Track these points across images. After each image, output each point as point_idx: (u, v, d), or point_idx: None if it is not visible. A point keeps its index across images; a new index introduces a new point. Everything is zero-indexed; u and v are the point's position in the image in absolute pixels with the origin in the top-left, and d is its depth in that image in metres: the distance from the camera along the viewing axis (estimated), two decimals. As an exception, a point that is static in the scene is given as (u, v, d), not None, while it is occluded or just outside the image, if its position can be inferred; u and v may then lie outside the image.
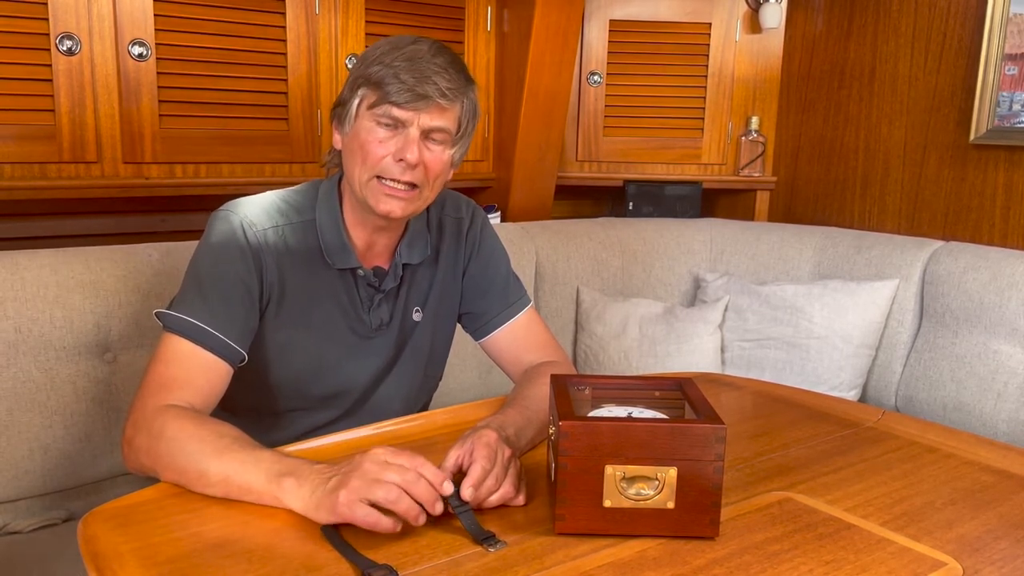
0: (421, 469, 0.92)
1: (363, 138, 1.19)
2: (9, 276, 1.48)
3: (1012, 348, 1.92)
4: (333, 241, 1.26)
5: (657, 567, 0.87)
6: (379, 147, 1.19)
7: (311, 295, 1.26)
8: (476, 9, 2.42)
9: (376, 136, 1.19)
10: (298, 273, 1.25)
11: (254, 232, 1.21)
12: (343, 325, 1.29)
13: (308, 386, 1.30)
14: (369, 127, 1.19)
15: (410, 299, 1.35)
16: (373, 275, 1.29)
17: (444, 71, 1.18)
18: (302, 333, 1.27)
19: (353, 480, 0.90)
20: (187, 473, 1.01)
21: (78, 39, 1.84)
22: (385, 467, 0.91)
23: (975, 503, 1.05)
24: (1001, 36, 2.17)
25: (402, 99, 1.16)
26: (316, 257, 1.26)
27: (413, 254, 1.32)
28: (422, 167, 1.20)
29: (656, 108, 2.71)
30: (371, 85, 1.18)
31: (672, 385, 1.06)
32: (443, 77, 1.17)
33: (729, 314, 2.28)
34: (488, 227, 1.44)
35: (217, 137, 2.05)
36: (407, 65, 1.16)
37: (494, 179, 2.57)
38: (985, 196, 2.28)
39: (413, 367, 1.38)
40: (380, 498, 0.88)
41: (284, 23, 2.09)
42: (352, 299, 1.29)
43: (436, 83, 1.17)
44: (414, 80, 1.16)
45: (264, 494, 0.97)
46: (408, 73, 1.16)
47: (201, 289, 1.19)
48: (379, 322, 1.31)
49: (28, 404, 1.49)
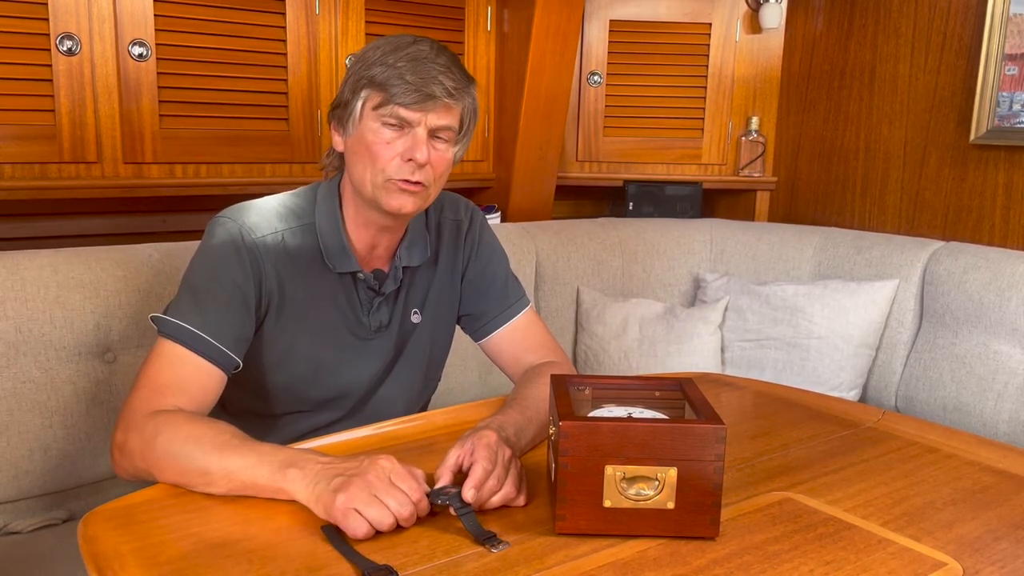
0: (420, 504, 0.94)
1: (369, 140, 1.19)
2: (9, 276, 1.48)
3: (1012, 348, 1.92)
4: (333, 245, 1.26)
5: (657, 567, 0.87)
6: (387, 148, 1.19)
7: (311, 300, 1.26)
8: (476, 9, 2.42)
9: (383, 138, 1.19)
10: (298, 279, 1.25)
11: (253, 239, 1.21)
12: (342, 328, 1.29)
13: (308, 389, 1.30)
14: (375, 128, 1.19)
15: (409, 301, 1.35)
16: (373, 278, 1.29)
17: (448, 70, 1.18)
18: (302, 338, 1.27)
19: (354, 488, 0.91)
20: (188, 473, 1.01)
21: (78, 39, 1.84)
22: (388, 487, 0.92)
23: (975, 503, 1.05)
24: (1001, 36, 2.17)
25: (409, 100, 1.16)
26: (316, 261, 1.26)
27: (413, 256, 1.32)
28: (428, 166, 1.20)
29: (656, 108, 2.71)
30: (375, 87, 1.18)
31: (672, 385, 1.06)
32: (448, 76, 1.18)
33: (729, 314, 2.28)
34: (487, 228, 1.44)
35: (217, 137, 2.05)
36: (411, 66, 1.17)
37: (494, 179, 2.57)
38: (985, 196, 2.28)
39: (413, 369, 1.38)
40: (372, 516, 0.90)
41: (284, 23, 2.09)
42: (351, 302, 1.29)
43: (442, 83, 1.17)
44: (420, 81, 1.16)
45: (268, 487, 0.97)
46: (413, 74, 1.16)
47: (197, 295, 1.18)
48: (378, 324, 1.31)
49: (28, 404, 1.49)
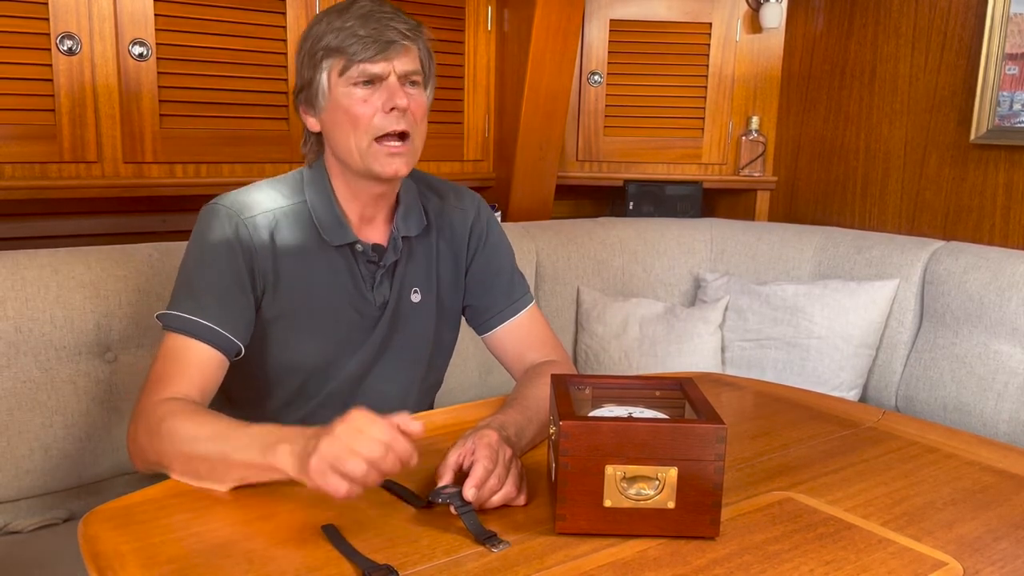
0: (394, 443, 0.90)
1: (346, 104, 1.20)
2: (9, 276, 1.48)
3: (1012, 348, 1.92)
4: (327, 218, 1.26)
5: (657, 567, 0.87)
6: (365, 107, 1.20)
7: (309, 278, 1.25)
8: (476, 9, 2.42)
9: (358, 98, 1.20)
10: (293, 258, 1.24)
11: (243, 221, 1.21)
12: (346, 305, 1.28)
13: (310, 374, 1.29)
14: (348, 92, 1.20)
15: (408, 278, 1.33)
16: (372, 250, 1.29)
17: (395, 16, 1.21)
18: (302, 317, 1.26)
19: (323, 445, 0.90)
20: (192, 461, 1.02)
21: (78, 39, 1.83)
22: (358, 436, 0.89)
23: (976, 503, 1.05)
24: (1001, 36, 2.17)
25: (371, 52, 1.18)
26: (311, 238, 1.25)
27: (410, 225, 1.32)
28: (409, 112, 1.21)
29: (656, 108, 2.70)
30: (334, 53, 1.19)
31: (672, 385, 1.06)
32: (399, 21, 1.20)
33: (729, 314, 2.28)
34: (494, 222, 1.44)
35: (217, 137, 2.05)
36: (360, 22, 1.18)
37: (494, 179, 2.57)
38: (985, 196, 2.28)
39: (412, 353, 1.36)
40: (349, 470, 0.88)
41: (284, 23, 2.09)
42: (355, 278, 1.28)
43: (395, 27, 1.19)
44: (375, 32, 1.18)
45: (261, 464, 0.97)
46: (364, 28, 1.18)
47: (191, 283, 1.19)
48: (383, 299, 1.31)
49: (28, 404, 1.49)
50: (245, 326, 1.21)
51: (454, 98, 2.44)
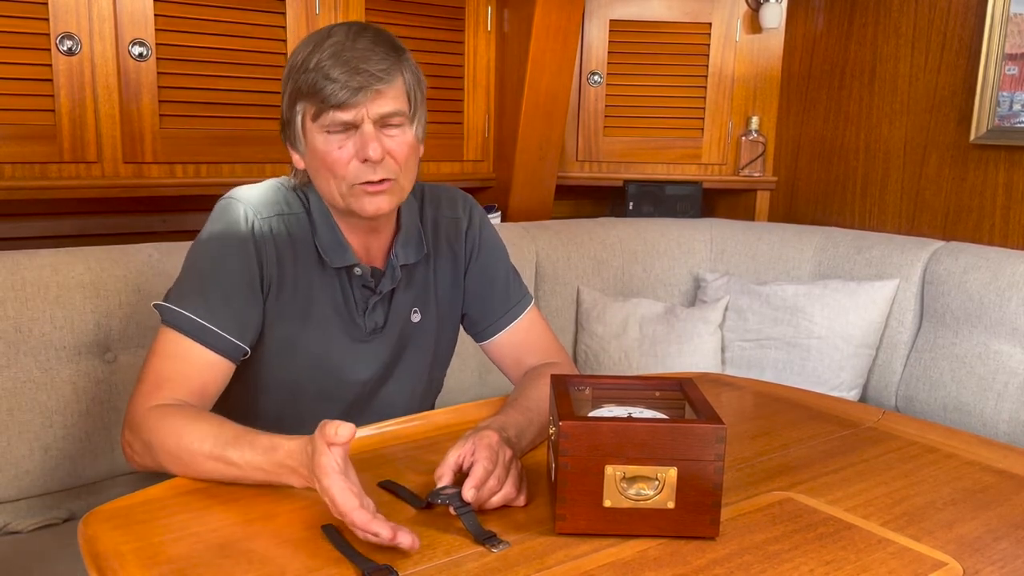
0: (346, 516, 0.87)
1: (321, 151, 1.15)
2: (9, 276, 1.48)
3: (1012, 348, 1.92)
4: (329, 240, 1.23)
5: (657, 567, 0.87)
6: (340, 153, 1.14)
7: (308, 291, 1.24)
8: (476, 9, 2.42)
9: (332, 145, 1.14)
10: (296, 265, 1.22)
11: (258, 220, 1.19)
12: (339, 326, 1.26)
13: (306, 384, 1.27)
14: (323, 139, 1.14)
15: (406, 301, 1.31)
16: (370, 275, 1.26)
17: (371, 52, 1.12)
18: (299, 329, 1.24)
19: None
20: (192, 467, 1.03)
21: (78, 39, 1.83)
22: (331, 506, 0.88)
23: (975, 503, 1.05)
24: (1001, 36, 2.17)
25: (342, 98, 1.10)
26: (312, 254, 1.23)
27: (409, 253, 1.29)
28: (388, 158, 1.15)
29: (656, 108, 2.71)
30: (305, 97, 1.13)
31: (672, 385, 1.06)
32: (372, 60, 1.11)
33: (729, 314, 2.28)
34: (487, 225, 1.41)
35: (217, 137, 2.05)
36: (332, 62, 1.10)
37: (494, 179, 2.57)
38: (985, 196, 2.28)
39: (416, 370, 1.36)
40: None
41: (284, 23, 2.09)
42: (347, 301, 1.26)
43: (367, 69, 1.11)
44: (345, 75, 1.10)
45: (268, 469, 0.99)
46: (336, 69, 1.10)
47: (202, 282, 1.16)
48: (373, 326, 1.28)
49: (28, 404, 1.49)
50: (253, 328, 1.19)
51: (454, 98, 2.44)
